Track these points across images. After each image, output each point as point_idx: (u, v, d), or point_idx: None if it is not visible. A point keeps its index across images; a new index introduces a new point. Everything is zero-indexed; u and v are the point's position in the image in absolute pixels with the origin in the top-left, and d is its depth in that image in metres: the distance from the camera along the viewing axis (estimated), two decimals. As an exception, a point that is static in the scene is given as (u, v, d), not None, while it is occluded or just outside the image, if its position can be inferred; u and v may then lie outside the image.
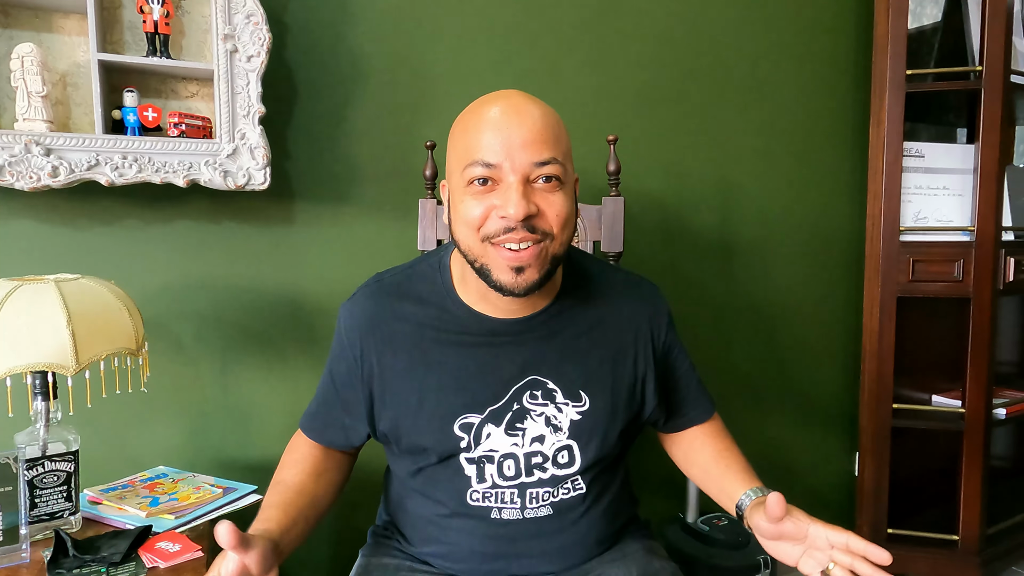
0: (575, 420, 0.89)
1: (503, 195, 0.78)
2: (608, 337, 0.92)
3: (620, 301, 0.94)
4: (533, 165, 0.78)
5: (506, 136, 0.78)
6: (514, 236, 0.78)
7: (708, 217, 1.84)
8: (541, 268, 0.81)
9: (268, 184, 1.27)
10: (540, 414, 0.88)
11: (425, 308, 0.90)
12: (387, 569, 0.95)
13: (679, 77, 1.76)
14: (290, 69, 1.39)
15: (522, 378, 0.88)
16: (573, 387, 0.89)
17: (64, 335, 0.95)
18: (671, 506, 1.81)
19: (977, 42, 1.81)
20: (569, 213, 0.82)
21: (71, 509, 1.05)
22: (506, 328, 0.89)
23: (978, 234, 1.80)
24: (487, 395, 0.88)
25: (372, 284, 0.94)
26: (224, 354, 1.39)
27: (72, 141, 1.14)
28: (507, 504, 0.89)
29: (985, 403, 1.84)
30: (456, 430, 0.88)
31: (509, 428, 0.88)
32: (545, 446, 0.89)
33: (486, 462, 0.88)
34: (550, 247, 0.81)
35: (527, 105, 0.81)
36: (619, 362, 0.92)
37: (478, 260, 0.81)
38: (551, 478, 0.89)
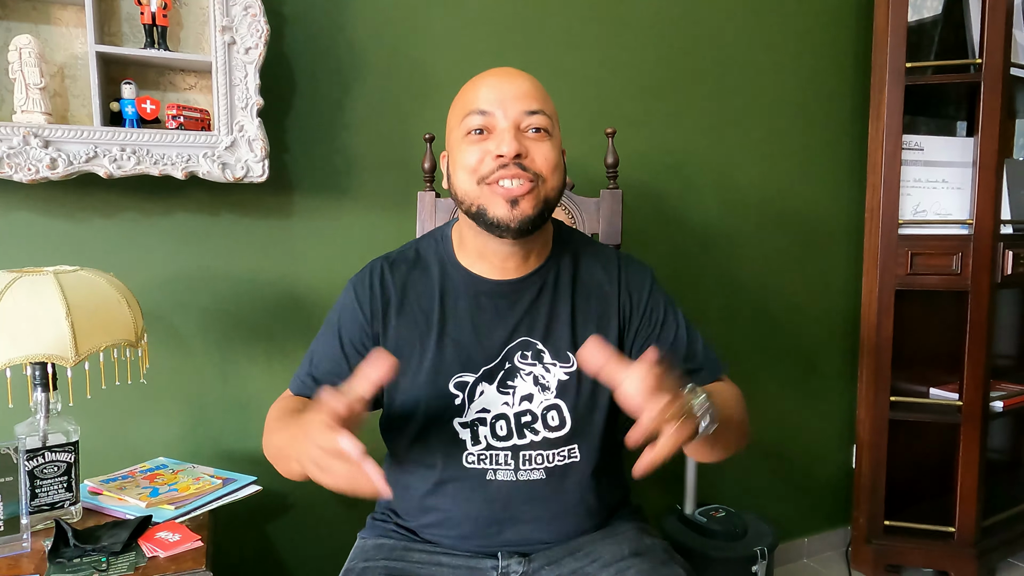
0: (562, 380, 0.94)
1: (497, 138, 0.87)
2: (593, 301, 0.98)
3: (604, 267, 1.00)
4: (524, 113, 0.88)
5: (499, 90, 0.89)
6: (507, 172, 0.86)
7: (706, 209, 1.84)
8: (535, 205, 0.88)
9: (266, 176, 1.27)
10: (529, 373, 0.94)
11: (426, 274, 0.97)
12: (383, 548, 0.97)
13: (678, 70, 1.76)
14: (288, 61, 1.39)
15: (513, 338, 0.94)
16: (561, 348, 0.95)
17: (63, 326, 0.95)
18: (669, 498, 1.82)
19: (977, 35, 1.81)
20: (557, 160, 0.90)
21: (71, 499, 1.05)
22: (500, 289, 0.95)
23: (976, 227, 1.80)
24: (482, 356, 0.94)
25: (378, 260, 1.01)
26: (223, 345, 1.39)
27: (70, 133, 1.14)
28: (501, 466, 0.93)
29: (982, 396, 1.85)
30: (451, 388, 0.93)
31: (500, 386, 0.94)
32: (534, 404, 0.94)
33: (479, 424, 0.93)
34: (542, 188, 0.88)
35: (519, 72, 0.93)
36: (603, 325, 0.97)
37: (475, 203, 0.88)
38: (543, 441, 0.94)
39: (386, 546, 0.98)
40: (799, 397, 2.03)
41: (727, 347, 1.91)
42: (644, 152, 1.73)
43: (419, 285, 0.97)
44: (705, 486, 1.83)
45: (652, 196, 1.76)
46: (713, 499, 1.82)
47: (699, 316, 1.85)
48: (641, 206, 1.74)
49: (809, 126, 1.95)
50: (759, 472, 1.98)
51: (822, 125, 1.96)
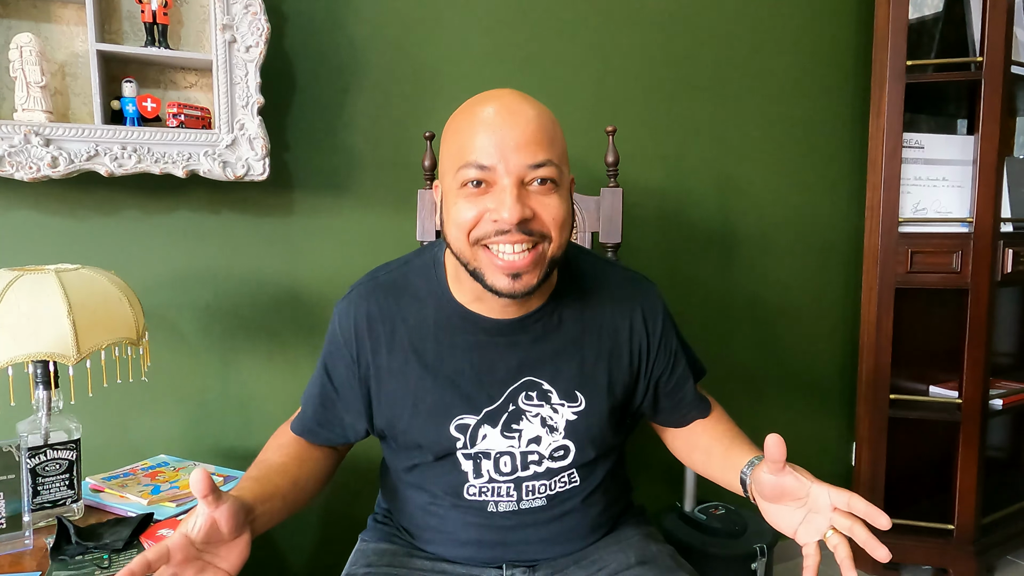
0: (571, 420, 0.89)
1: (497, 198, 0.76)
2: (603, 336, 0.91)
3: (615, 299, 0.93)
4: (527, 167, 0.76)
5: (500, 137, 0.76)
6: (507, 238, 0.77)
7: (707, 208, 1.84)
8: (539, 272, 0.80)
9: (267, 175, 1.27)
10: (536, 415, 0.88)
11: (420, 307, 0.89)
12: (385, 554, 0.96)
13: (678, 68, 1.76)
14: (289, 59, 1.39)
15: (517, 379, 0.88)
16: (568, 387, 0.89)
17: (65, 325, 0.95)
18: (669, 495, 1.82)
19: (978, 32, 1.81)
20: (565, 216, 0.80)
21: (73, 497, 1.06)
22: (500, 328, 0.87)
23: (977, 225, 1.80)
24: (482, 397, 0.87)
25: (367, 282, 0.92)
26: (224, 343, 1.39)
27: (71, 131, 1.14)
28: (503, 497, 0.90)
29: (982, 394, 1.85)
30: (452, 431, 0.88)
31: (505, 429, 0.88)
32: (542, 447, 0.89)
33: (483, 458, 0.89)
34: (547, 249, 0.79)
35: (521, 105, 0.78)
36: (614, 361, 0.92)
37: (470, 263, 0.80)
38: (546, 471, 0.91)
39: (388, 551, 0.97)
40: (799, 395, 2.04)
41: (726, 345, 1.91)
42: (644, 150, 1.73)
43: (411, 318, 0.89)
44: (705, 484, 1.83)
45: (652, 194, 1.76)
46: (713, 497, 1.83)
47: (698, 314, 1.86)
48: (641, 204, 1.74)
49: (809, 124, 1.94)
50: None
51: (822, 123, 1.96)
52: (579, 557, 0.95)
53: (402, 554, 0.96)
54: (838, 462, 2.11)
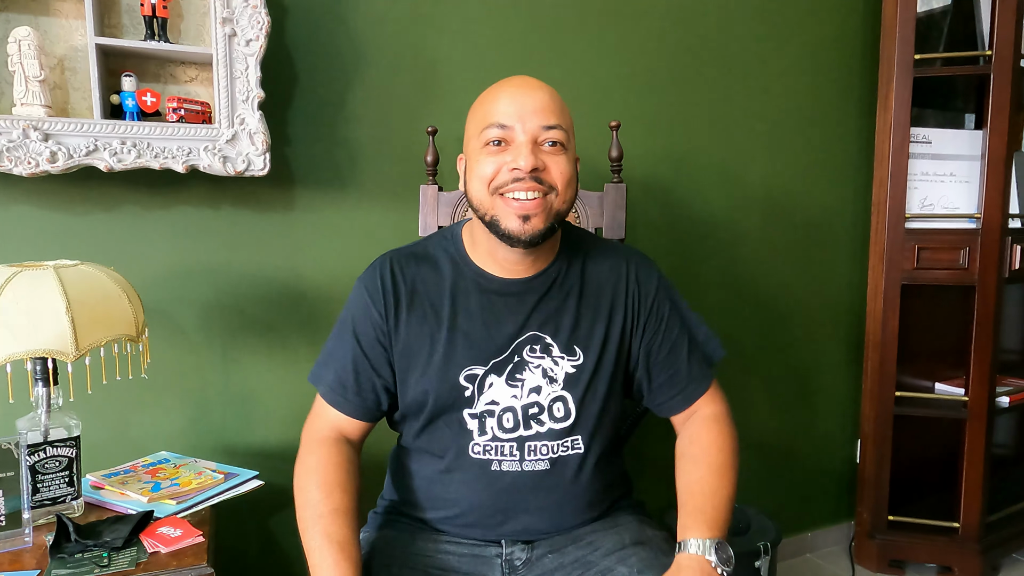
0: (569, 372, 0.97)
1: (514, 151, 0.89)
2: (600, 298, 1.00)
3: (612, 264, 1.02)
4: (541, 128, 0.89)
5: (520, 104, 0.90)
6: (522, 185, 0.88)
7: (712, 203, 1.83)
8: (546, 219, 0.90)
9: (267, 170, 1.26)
10: (537, 366, 0.96)
11: (438, 271, 0.99)
12: (386, 538, 0.99)
13: (684, 63, 1.74)
14: (290, 53, 1.38)
15: (523, 333, 0.96)
16: (568, 342, 0.97)
17: (63, 321, 0.95)
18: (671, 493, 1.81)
19: (987, 26, 1.79)
20: (571, 175, 0.92)
21: (73, 494, 1.05)
22: (510, 287, 0.97)
23: (984, 221, 1.79)
24: (491, 348, 0.95)
25: (387, 255, 1.01)
26: (225, 340, 1.39)
27: (70, 126, 1.14)
28: (506, 456, 0.95)
29: (988, 391, 1.83)
30: (462, 380, 0.95)
31: (510, 379, 0.95)
32: (542, 396, 0.96)
33: (487, 416, 0.95)
34: (554, 201, 0.91)
35: (538, 83, 0.94)
36: (610, 321, 0.99)
37: (488, 213, 0.91)
38: (548, 432, 0.96)
39: (391, 536, 0.99)
40: (803, 391, 2.02)
41: (731, 341, 1.90)
42: (649, 146, 1.72)
43: (429, 281, 0.98)
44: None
45: (656, 190, 1.75)
46: (716, 494, 1.82)
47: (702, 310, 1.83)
48: (645, 200, 1.73)
49: (815, 119, 1.93)
50: (763, 467, 1.97)
51: (829, 117, 1.94)
52: (575, 536, 0.98)
53: (405, 537, 0.99)
54: (842, 459, 2.10)
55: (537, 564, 0.96)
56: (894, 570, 1.92)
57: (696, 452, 0.98)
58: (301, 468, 0.94)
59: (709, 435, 0.99)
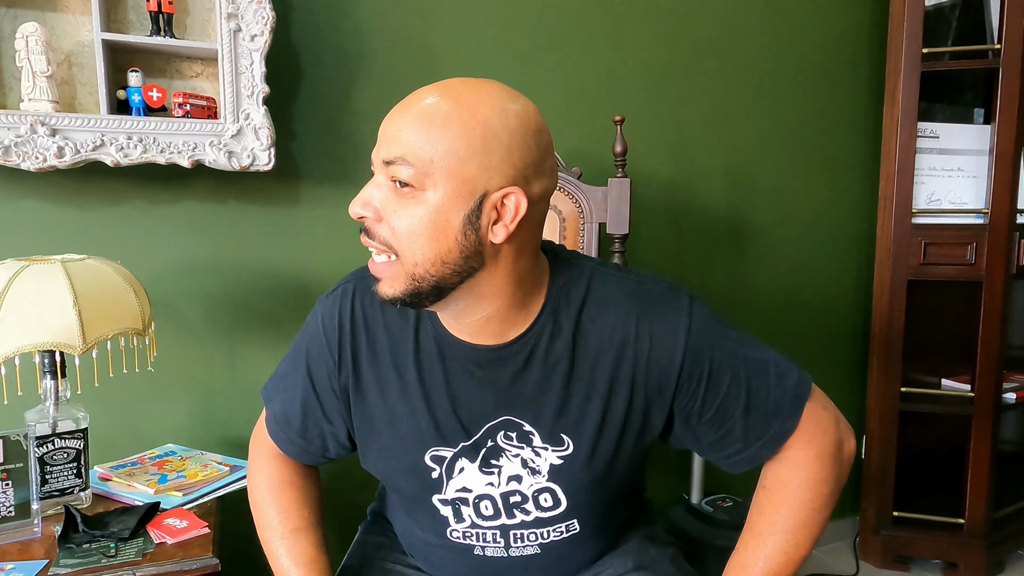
0: (555, 464, 0.78)
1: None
2: (599, 367, 0.76)
3: (615, 325, 0.76)
4: (381, 162, 0.67)
5: (384, 125, 0.69)
6: (363, 237, 0.69)
7: (717, 198, 1.82)
8: (399, 287, 0.68)
9: (272, 165, 1.26)
10: (516, 455, 0.79)
11: (404, 320, 0.79)
12: (381, 548, 0.96)
13: (689, 56, 1.73)
14: (295, 48, 1.38)
15: (496, 416, 0.78)
16: (552, 429, 0.77)
17: (71, 315, 0.96)
18: (676, 486, 1.82)
19: (996, 19, 1.77)
20: (413, 229, 0.66)
21: (81, 485, 1.07)
22: (476, 357, 0.76)
23: (992, 216, 1.77)
24: (458, 431, 0.78)
25: (355, 281, 0.82)
26: (231, 333, 1.40)
27: (77, 121, 1.14)
28: (490, 543, 0.82)
29: (994, 387, 1.83)
30: (427, 461, 0.80)
31: (484, 465, 0.79)
32: (523, 486, 0.80)
33: (461, 504, 0.81)
34: (401, 266, 0.68)
35: (427, 93, 0.68)
36: (609, 401, 0.77)
37: None
38: (535, 520, 0.81)
39: (385, 545, 0.96)
40: (808, 387, 2.02)
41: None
42: (653, 140, 1.71)
43: (395, 332, 0.79)
44: (712, 476, 1.83)
45: (661, 185, 1.74)
46: (720, 489, 1.82)
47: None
48: (650, 195, 1.73)
49: (822, 113, 1.91)
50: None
51: (835, 112, 1.93)
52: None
53: (398, 551, 0.95)
54: (847, 455, 2.09)
55: None
56: (899, 566, 1.92)
57: (764, 502, 0.81)
58: (253, 484, 0.88)
59: (784, 489, 0.80)
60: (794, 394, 0.79)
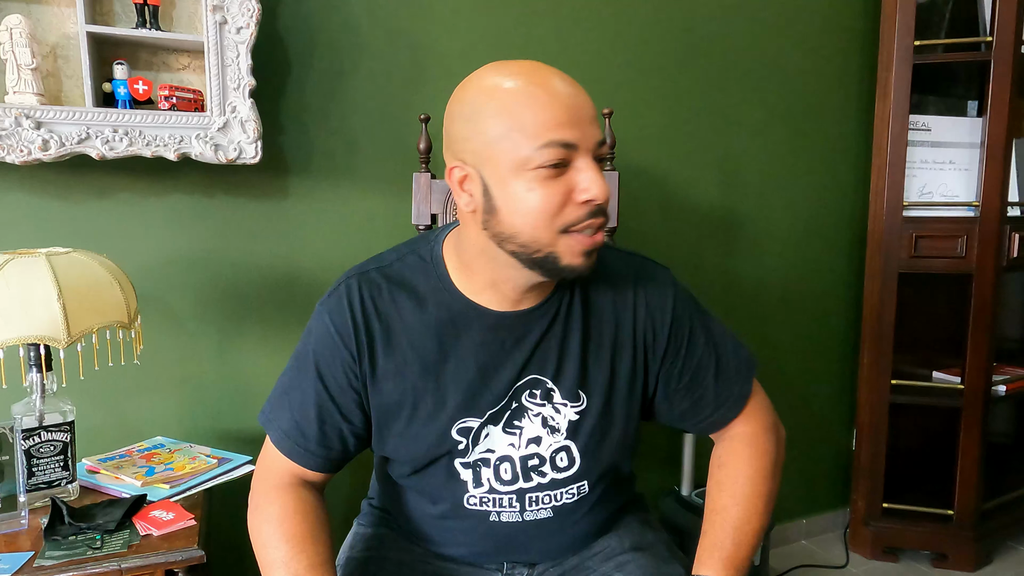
0: (573, 420, 0.85)
1: (584, 177, 0.70)
2: (605, 329, 0.86)
3: (619, 289, 0.87)
4: (597, 144, 0.72)
5: (578, 112, 0.70)
6: (596, 221, 0.72)
7: (708, 191, 1.82)
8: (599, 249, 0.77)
9: (259, 158, 1.26)
10: (537, 414, 0.84)
11: (419, 304, 0.82)
12: (384, 539, 0.96)
13: (679, 49, 1.73)
14: (283, 41, 1.38)
15: (523, 377, 0.84)
16: (571, 386, 0.85)
17: (55, 308, 0.96)
18: (667, 478, 1.83)
19: (989, 11, 1.76)
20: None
21: (68, 478, 1.07)
22: (507, 323, 0.82)
23: (983, 209, 1.78)
24: (488, 398, 0.83)
25: (357, 276, 0.84)
26: (220, 326, 1.40)
27: (62, 114, 1.14)
28: (506, 508, 0.86)
29: (984, 380, 1.83)
30: (454, 434, 0.83)
31: (507, 426, 0.84)
32: (542, 447, 0.85)
33: (482, 466, 0.85)
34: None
35: (570, 78, 0.73)
36: (617, 358, 0.86)
37: (544, 250, 0.73)
38: (550, 482, 0.86)
39: (389, 537, 0.96)
40: (800, 379, 2.02)
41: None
42: (643, 132, 1.71)
43: (408, 316, 0.82)
44: (703, 467, 1.83)
45: (651, 177, 1.74)
46: (711, 481, 1.83)
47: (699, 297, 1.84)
48: (639, 188, 1.72)
49: (813, 106, 1.91)
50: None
51: (827, 105, 1.93)
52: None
53: (402, 540, 0.95)
54: (839, 446, 2.11)
55: None
56: (888, 557, 1.93)
57: (722, 478, 0.88)
58: (260, 518, 0.81)
59: (737, 460, 0.88)
60: (748, 362, 0.93)
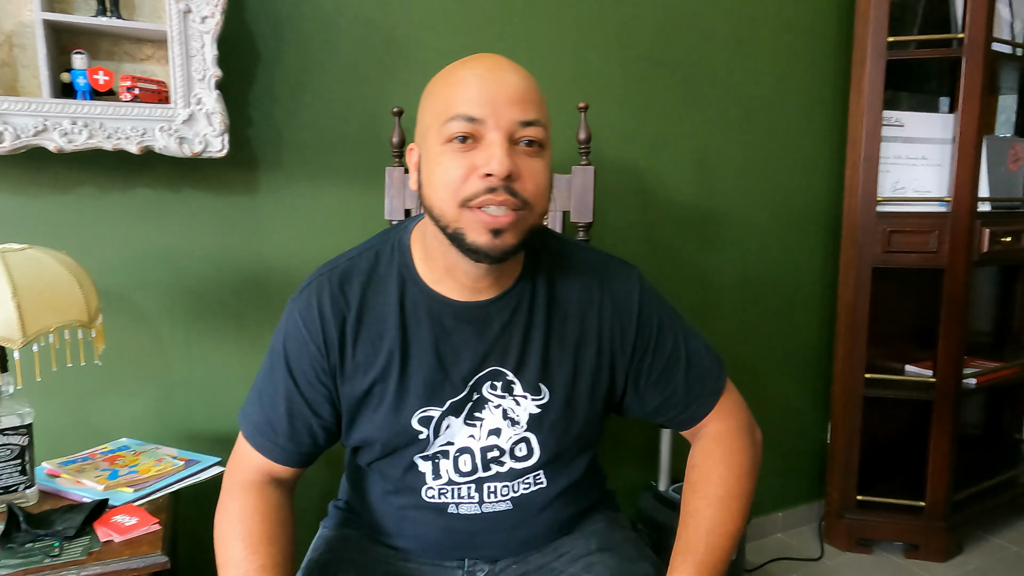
0: (534, 413, 0.86)
1: (485, 152, 0.73)
2: (570, 323, 0.87)
3: (584, 285, 0.88)
4: (518, 124, 0.74)
5: (492, 91, 0.74)
6: (494, 198, 0.73)
7: (683, 186, 1.82)
8: (518, 235, 0.76)
9: (226, 151, 1.23)
10: (497, 406, 0.86)
11: (385, 293, 0.84)
12: (348, 540, 0.95)
13: (654, 44, 1.72)
14: (250, 31, 1.34)
15: (483, 368, 0.85)
16: (533, 379, 0.86)
17: (9, 307, 0.92)
18: (644, 474, 1.83)
19: (961, 9, 1.78)
20: (547, 183, 0.78)
21: (26, 483, 1.03)
22: (467, 313, 0.84)
23: (954, 204, 1.79)
24: (448, 388, 0.84)
25: (326, 271, 0.86)
26: (188, 325, 1.36)
27: (17, 105, 1.10)
28: (464, 499, 0.87)
29: (955, 373, 1.86)
30: (415, 424, 0.85)
31: (468, 418, 0.86)
32: (502, 439, 0.86)
33: (441, 458, 0.86)
34: (528, 216, 0.76)
35: (512, 65, 0.78)
36: (581, 353, 0.87)
37: (451, 225, 0.75)
38: (509, 472, 0.87)
39: (352, 538, 0.95)
40: (776, 374, 2.04)
41: (703, 324, 1.90)
42: (619, 128, 1.70)
43: (376, 306, 0.84)
44: (680, 463, 1.83)
45: (626, 173, 1.73)
46: (687, 476, 1.83)
47: (675, 294, 1.84)
48: (615, 183, 1.71)
49: (788, 102, 1.92)
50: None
51: (802, 99, 1.94)
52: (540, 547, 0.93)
53: (365, 541, 0.95)
54: (813, 440, 2.12)
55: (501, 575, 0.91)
56: (862, 549, 1.95)
57: (695, 479, 0.87)
58: (223, 516, 0.82)
59: (710, 460, 0.87)
60: (717, 360, 0.93)
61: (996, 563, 1.91)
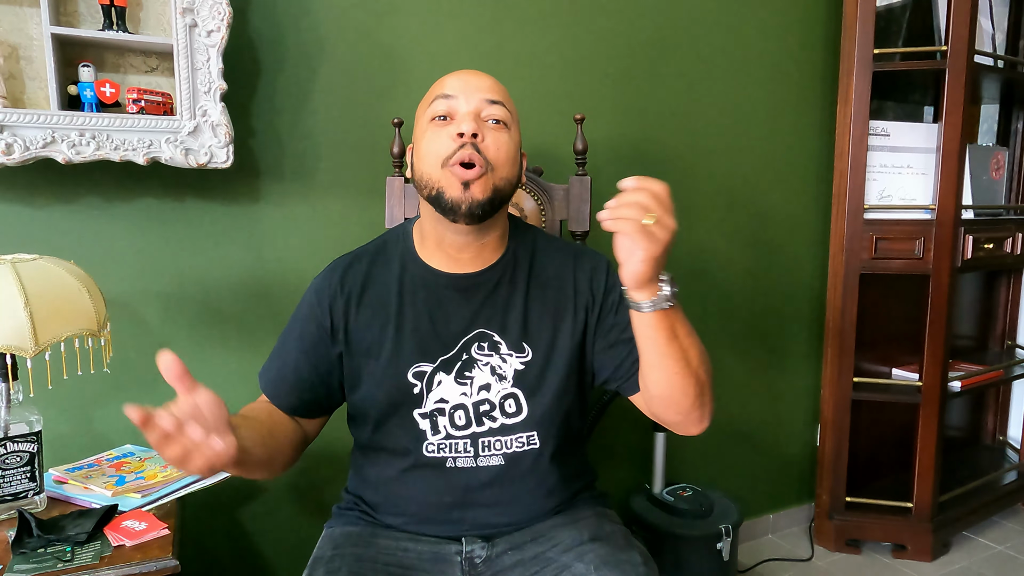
0: (519, 370, 0.98)
1: (458, 121, 0.91)
2: (549, 294, 1.00)
3: (562, 259, 1.03)
4: (485, 101, 0.93)
5: (465, 80, 0.94)
6: (464, 153, 0.89)
7: (675, 195, 1.83)
8: (484, 191, 0.90)
9: (231, 162, 1.25)
10: (486, 364, 0.97)
11: (387, 267, 1.00)
12: (350, 536, 0.99)
13: (647, 56, 1.76)
14: (253, 44, 1.37)
15: (470, 330, 0.98)
16: (516, 339, 0.98)
17: (22, 316, 0.94)
18: (637, 477, 1.86)
19: (944, 22, 1.83)
20: (511, 153, 0.94)
21: (35, 489, 1.05)
22: (457, 283, 0.98)
23: (939, 212, 1.84)
24: (439, 346, 0.97)
25: (342, 257, 1.04)
26: (192, 333, 1.38)
27: (26, 118, 1.11)
28: (461, 453, 0.97)
29: (941, 376, 1.90)
30: (410, 377, 0.96)
31: (459, 376, 0.97)
32: (491, 394, 0.97)
33: (438, 415, 0.97)
34: (492, 176, 0.91)
35: (485, 73, 0.97)
36: (559, 317, 1.00)
37: (435, 186, 0.91)
38: (501, 427, 0.97)
39: (353, 534, 0.99)
40: (765, 377, 2.08)
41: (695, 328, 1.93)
42: (613, 138, 1.74)
43: (379, 278, 1.00)
44: (674, 466, 1.87)
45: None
46: (682, 478, 1.87)
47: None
48: (610, 193, 1.73)
49: (778, 111, 1.96)
50: (727, 451, 2.03)
51: (790, 110, 1.98)
52: (535, 533, 0.98)
53: (367, 535, 0.99)
54: (804, 443, 2.16)
55: (496, 562, 0.96)
56: (851, 549, 1.99)
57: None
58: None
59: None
60: None
61: (981, 562, 1.95)
